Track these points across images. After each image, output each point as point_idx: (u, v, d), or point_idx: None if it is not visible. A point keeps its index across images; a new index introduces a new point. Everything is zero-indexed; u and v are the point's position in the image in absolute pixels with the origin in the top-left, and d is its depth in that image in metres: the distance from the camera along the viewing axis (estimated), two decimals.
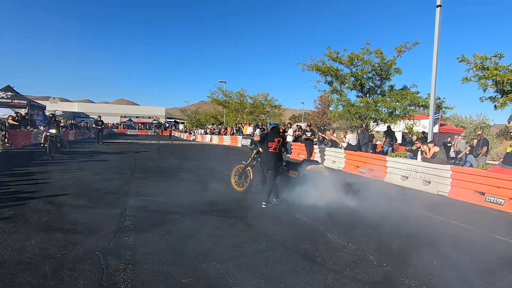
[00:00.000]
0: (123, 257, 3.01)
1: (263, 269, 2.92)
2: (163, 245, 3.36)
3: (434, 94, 9.22)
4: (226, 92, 29.94)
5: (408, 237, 4.06)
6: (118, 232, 3.68)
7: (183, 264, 2.94)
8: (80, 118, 44.24)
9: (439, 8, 8.93)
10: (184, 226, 4.02)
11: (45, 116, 22.48)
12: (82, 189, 5.87)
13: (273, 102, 29.35)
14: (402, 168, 8.56)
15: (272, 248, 3.45)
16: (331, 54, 12.68)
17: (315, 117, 44.31)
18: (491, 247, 3.89)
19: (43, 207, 4.53)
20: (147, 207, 4.83)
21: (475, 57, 7.97)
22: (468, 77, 8.09)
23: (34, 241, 3.29)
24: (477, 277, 2.98)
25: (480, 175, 6.66)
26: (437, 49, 9.01)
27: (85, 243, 3.30)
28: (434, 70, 9.08)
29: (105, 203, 5.00)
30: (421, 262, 3.25)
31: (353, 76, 12.66)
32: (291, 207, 5.26)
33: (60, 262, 2.86)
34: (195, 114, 48.25)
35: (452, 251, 3.63)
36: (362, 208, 5.41)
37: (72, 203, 4.86)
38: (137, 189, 6.07)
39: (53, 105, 47.57)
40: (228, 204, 5.32)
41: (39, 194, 5.29)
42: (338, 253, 3.38)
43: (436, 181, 7.49)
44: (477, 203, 6.35)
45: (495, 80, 7.64)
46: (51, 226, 3.79)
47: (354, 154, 10.76)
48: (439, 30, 8.99)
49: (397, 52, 11.86)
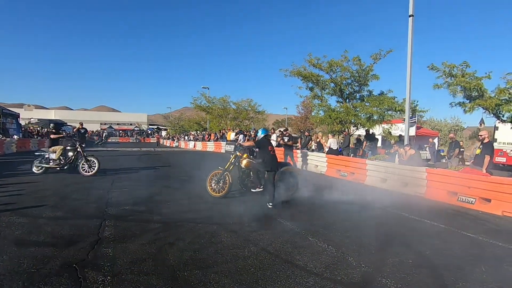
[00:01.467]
0: (101, 269, 2.94)
1: (245, 275, 2.95)
2: (144, 255, 3.31)
3: (409, 99, 9.63)
4: (209, 98, 29.91)
5: (386, 237, 4.21)
6: (97, 243, 3.59)
7: (164, 273, 2.91)
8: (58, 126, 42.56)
9: (412, 18, 9.39)
10: (165, 235, 3.98)
11: (18, 125, 21.54)
12: (59, 199, 5.68)
13: (256, 108, 29.59)
14: (381, 171, 8.85)
15: (254, 253, 3.48)
16: (311, 60, 13.01)
17: (298, 122, 44.96)
18: (462, 243, 4.10)
19: (17, 220, 4.34)
20: (127, 217, 4.73)
21: (444, 65, 8.43)
22: (438, 84, 8.55)
23: (6, 256, 3.15)
24: (449, 273, 3.14)
25: (452, 176, 7.01)
26: (410, 56, 9.45)
27: (62, 256, 3.19)
28: (408, 76, 9.50)
29: (83, 213, 4.86)
30: (397, 261, 3.38)
31: (333, 82, 13.03)
32: (274, 212, 5.32)
33: (35, 277, 2.75)
34: (178, 120, 47.74)
35: (426, 249, 3.80)
36: (341, 210, 5.57)
37: (48, 214, 4.69)
38: (117, 198, 5.94)
39: (28, 113, 45.57)
40: (209, 210, 5.30)
41: (12, 206, 5.07)
42: (319, 256, 3.46)
43: (413, 183, 7.80)
44: (450, 203, 6.66)
45: (463, 86, 8.10)
46: (25, 239, 3.64)
47: (336, 158, 11.00)
48: (412, 38, 9.44)
49: (373, 59, 12.35)
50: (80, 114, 65.05)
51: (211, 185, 6.42)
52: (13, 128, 20.13)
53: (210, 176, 6.50)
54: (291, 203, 5.87)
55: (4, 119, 18.91)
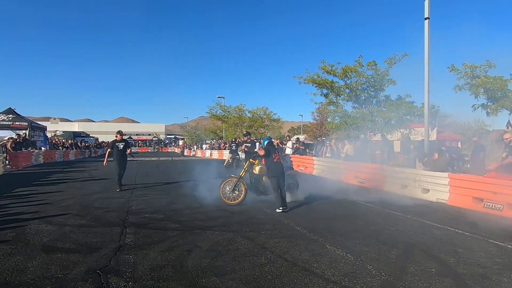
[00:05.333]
0: (123, 275, 3.04)
1: (262, 282, 2.95)
2: (163, 262, 3.39)
3: (427, 102, 9.39)
4: (225, 107, 30.32)
5: (406, 245, 4.08)
6: (119, 250, 3.72)
7: (183, 280, 2.97)
8: (80, 138, 44.50)
9: (427, 21, 9.23)
10: (183, 242, 4.05)
11: (45, 137, 22.68)
12: (82, 208, 5.92)
13: (272, 116, 29.68)
14: (401, 177, 8.61)
15: (272, 261, 3.48)
16: (325, 67, 12.99)
17: (313, 129, 44.56)
18: (488, 252, 3.91)
19: (44, 228, 4.57)
20: (147, 225, 4.87)
21: (465, 66, 8.19)
22: (459, 85, 8.30)
23: (35, 262, 3.33)
24: (474, 283, 3.00)
25: (477, 181, 6.71)
26: (427, 59, 9.25)
27: (86, 262, 3.33)
28: (426, 80, 9.28)
29: (105, 221, 5.04)
30: (419, 270, 3.28)
31: (348, 87, 12.92)
32: (290, 219, 5.30)
33: (62, 282, 2.89)
34: (194, 129, 48.64)
35: (450, 257, 3.65)
36: (358, 218, 5.46)
37: (73, 222, 4.91)
38: (137, 207, 6.11)
39: (54, 126, 47.95)
40: (225, 218, 5.35)
41: (40, 214, 5.34)
42: (337, 264, 3.41)
43: (435, 189, 7.53)
44: (476, 209, 6.37)
45: (486, 87, 7.83)
46: (52, 246, 3.83)
47: (353, 165, 10.83)
48: (428, 41, 9.26)
49: (387, 64, 12.18)
50: (101, 126, 67.65)
51: (225, 193, 6.49)
52: (41, 141, 21.22)
53: (223, 184, 6.56)
54: (307, 211, 5.82)
55: (33, 132, 20.00)
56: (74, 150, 25.11)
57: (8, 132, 19.10)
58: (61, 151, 22.42)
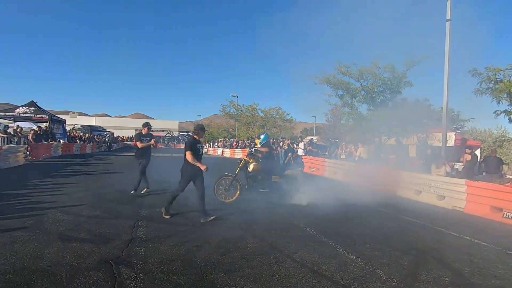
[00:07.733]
0: (134, 266, 3.11)
1: (270, 281, 2.95)
2: (173, 256, 3.45)
3: (446, 107, 9.13)
4: (238, 106, 30.44)
5: (419, 252, 3.99)
6: (131, 242, 3.80)
7: (192, 274, 3.01)
8: (97, 132, 45.69)
9: (449, 22, 8.97)
10: (193, 237, 4.10)
11: (64, 130, 23.43)
12: (97, 200, 6.08)
13: (284, 116, 29.58)
14: (416, 182, 8.40)
15: (280, 260, 3.47)
16: (341, 68, 12.83)
17: (326, 130, 44.06)
18: (506, 263, 3.76)
19: (61, 217, 4.72)
20: (159, 218, 4.95)
21: (487, 69, 7.89)
22: (480, 88, 8.01)
23: (52, 250, 3.45)
24: None
25: (497, 190, 6.47)
26: (448, 62, 8.99)
27: (99, 252, 3.43)
28: (446, 83, 9.03)
29: (118, 214, 5.16)
30: (431, 278, 3.19)
31: (363, 89, 12.71)
32: (300, 220, 5.26)
33: (76, 270, 2.98)
34: (207, 127, 49.00)
35: (465, 267, 3.54)
36: (371, 222, 5.36)
37: (87, 213, 5.05)
38: (148, 201, 6.23)
39: (72, 120, 49.42)
40: (234, 215, 5.38)
41: (57, 204, 5.52)
42: (347, 267, 3.37)
43: (451, 196, 7.31)
44: (494, 219, 6.15)
45: (510, 92, 7.52)
46: (68, 235, 3.95)
47: (365, 168, 10.65)
48: (449, 43, 9.00)
49: (406, 66, 11.88)
50: (117, 121, 69.30)
51: (219, 191, 6.48)
52: (60, 133, 21.91)
53: (217, 182, 6.53)
54: (318, 213, 5.76)
55: (52, 125, 20.68)
56: (91, 143, 25.85)
57: (29, 124, 19.83)
58: (79, 144, 23.10)
